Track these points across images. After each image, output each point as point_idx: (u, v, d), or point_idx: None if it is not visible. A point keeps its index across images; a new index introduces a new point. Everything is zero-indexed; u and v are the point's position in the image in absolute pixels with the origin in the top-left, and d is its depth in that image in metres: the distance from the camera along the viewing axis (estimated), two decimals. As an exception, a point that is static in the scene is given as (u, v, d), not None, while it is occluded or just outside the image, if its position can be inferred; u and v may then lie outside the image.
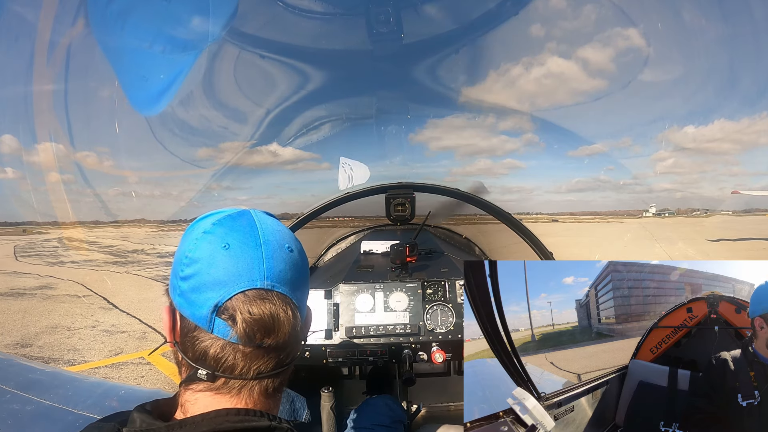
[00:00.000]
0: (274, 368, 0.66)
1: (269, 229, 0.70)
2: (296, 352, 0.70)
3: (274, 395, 0.69)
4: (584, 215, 20.09)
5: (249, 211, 0.72)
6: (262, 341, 0.62)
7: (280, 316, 0.63)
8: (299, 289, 0.69)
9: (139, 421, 0.61)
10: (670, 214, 19.23)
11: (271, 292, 0.64)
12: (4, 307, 8.01)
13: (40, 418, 1.19)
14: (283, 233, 0.72)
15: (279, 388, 0.69)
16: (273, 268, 0.65)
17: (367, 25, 2.32)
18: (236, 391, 0.64)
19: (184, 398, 0.65)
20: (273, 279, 0.65)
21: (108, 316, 7.38)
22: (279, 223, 0.75)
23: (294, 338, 0.67)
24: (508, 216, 2.11)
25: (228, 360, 0.63)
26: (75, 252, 14.42)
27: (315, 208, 2.14)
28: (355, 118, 2.82)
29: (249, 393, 0.65)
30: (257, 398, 0.65)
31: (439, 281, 1.71)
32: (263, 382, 0.65)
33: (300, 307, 0.69)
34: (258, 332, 0.61)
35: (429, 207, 2.10)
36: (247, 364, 0.63)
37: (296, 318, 0.67)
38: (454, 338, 1.62)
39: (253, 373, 0.64)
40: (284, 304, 0.65)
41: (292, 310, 0.65)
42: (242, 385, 0.64)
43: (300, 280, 0.70)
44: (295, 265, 0.69)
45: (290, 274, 0.68)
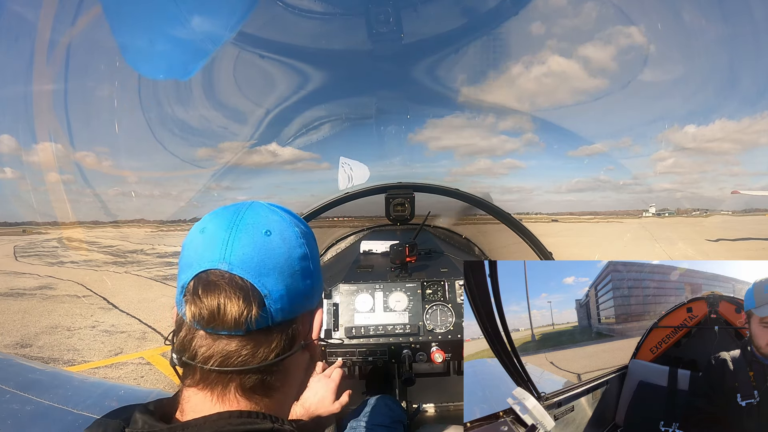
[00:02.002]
0: (243, 362, 0.60)
1: (254, 214, 0.66)
2: (277, 346, 0.62)
3: (259, 395, 0.63)
4: (584, 215, 20.10)
5: (251, 202, 0.70)
6: (209, 326, 0.59)
7: (224, 300, 0.58)
8: (269, 275, 0.62)
9: (141, 422, 0.60)
10: (669, 214, 19.24)
11: (226, 274, 0.60)
12: (4, 307, 8.00)
13: (40, 418, 1.19)
14: (270, 219, 0.66)
15: (261, 387, 0.63)
16: (236, 250, 0.61)
17: (367, 25, 2.32)
18: (213, 385, 0.61)
19: (182, 396, 0.65)
20: (232, 261, 0.60)
21: (108, 316, 7.37)
22: (280, 212, 0.69)
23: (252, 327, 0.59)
24: (507, 216, 2.11)
25: (192, 345, 0.61)
26: (75, 252, 14.43)
27: (315, 208, 2.14)
28: (354, 118, 2.82)
29: (224, 389, 0.61)
30: (234, 396, 0.61)
31: (439, 281, 1.71)
32: (240, 379, 0.61)
33: (268, 295, 0.61)
34: (202, 315, 0.59)
35: (429, 207, 2.10)
36: (208, 352, 0.60)
37: (250, 305, 0.59)
38: (453, 338, 1.62)
39: (214, 362, 0.60)
40: (236, 288, 0.59)
41: (244, 296, 0.59)
42: (217, 379, 0.61)
43: (271, 266, 0.62)
44: (267, 249, 0.63)
45: (258, 258, 0.61)
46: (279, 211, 0.70)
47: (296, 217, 0.73)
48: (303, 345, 0.67)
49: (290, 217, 0.71)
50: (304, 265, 0.67)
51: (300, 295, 0.66)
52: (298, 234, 0.68)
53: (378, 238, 2.10)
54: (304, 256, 0.67)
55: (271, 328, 0.62)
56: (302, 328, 0.68)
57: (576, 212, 17.43)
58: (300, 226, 0.70)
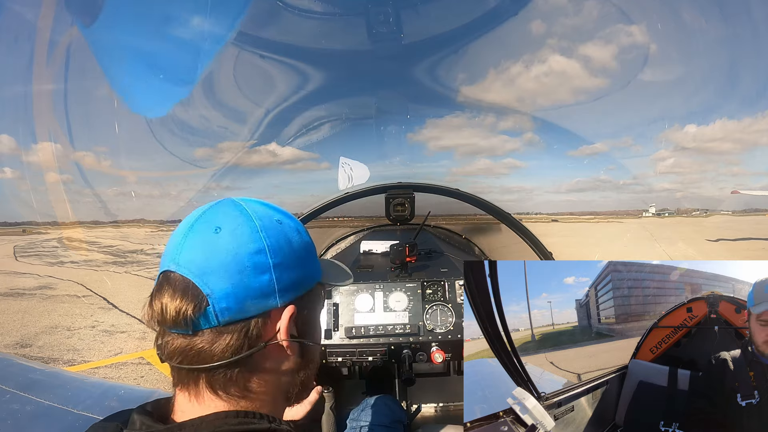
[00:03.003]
0: (200, 359, 0.60)
1: (214, 212, 0.66)
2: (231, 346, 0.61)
3: (233, 395, 0.62)
4: (584, 215, 20.09)
5: (222, 200, 0.69)
6: (159, 325, 0.61)
7: (167, 300, 0.60)
8: (213, 273, 0.60)
9: (139, 423, 0.60)
10: (669, 214, 19.24)
11: (174, 274, 0.61)
12: (3, 307, 8.00)
13: (40, 418, 1.19)
14: (225, 216, 0.65)
15: (231, 386, 0.62)
16: (185, 250, 0.62)
17: (367, 25, 2.32)
18: (187, 384, 0.63)
19: (174, 397, 0.66)
20: (180, 261, 0.61)
21: (108, 316, 7.37)
22: (246, 207, 0.67)
23: (197, 326, 0.59)
24: (507, 216, 2.11)
25: (161, 343, 0.63)
26: (74, 252, 14.41)
27: (315, 208, 2.14)
28: (354, 118, 2.82)
29: (196, 388, 0.62)
30: (207, 395, 0.62)
31: (439, 281, 1.71)
32: (206, 377, 0.61)
33: (211, 294, 0.59)
34: (153, 315, 0.61)
35: (429, 207, 2.10)
36: (169, 350, 0.62)
37: (189, 304, 0.59)
38: (453, 338, 1.61)
39: (176, 359, 0.61)
40: (178, 288, 0.60)
41: (184, 296, 0.59)
42: (188, 377, 0.62)
43: (216, 265, 0.60)
44: (212, 247, 0.61)
45: (201, 256, 0.61)
46: (246, 205, 0.67)
47: (270, 210, 0.69)
48: (264, 345, 0.63)
49: (259, 209, 0.68)
50: (257, 261, 0.62)
51: (253, 292, 0.62)
52: (255, 228, 0.64)
53: (378, 238, 2.10)
54: (258, 250, 0.63)
55: (222, 328, 0.60)
56: (267, 327, 0.64)
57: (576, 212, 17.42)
58: (263, 220, 0.66)
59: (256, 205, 0.69)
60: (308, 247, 0.72)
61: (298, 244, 0.69)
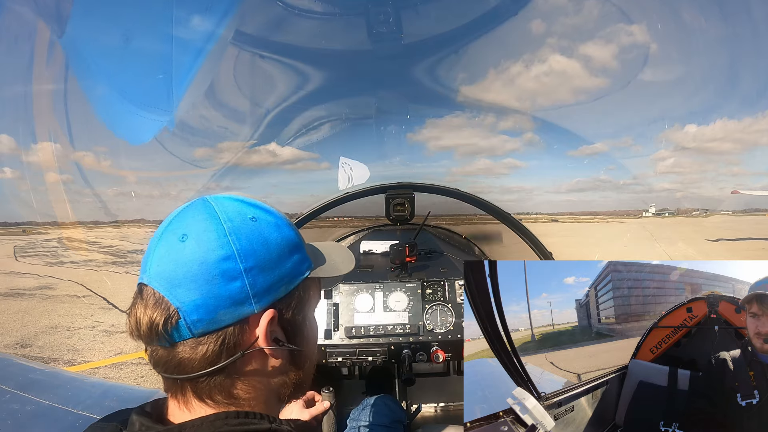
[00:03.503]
0: (180, 370, 0.60)
1: (182, 216, 0.63)
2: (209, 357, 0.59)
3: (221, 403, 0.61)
4: (584, 215, 20.10)
5: (194, 200, 0.66)
6: (137, 339, 0.61)
7: (140, 314, 0.59)
8: (181, 285, 0.58)
9: (138, 425, 0.60)
10: (669, 214, 19.23)
11: (146, 288, 0.60)
12: (3, 307, 8.00)
13: (40, 418, 1.19)
14: (192, 220, 0.62)
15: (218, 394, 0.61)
16: (154, 261, 0.60)
17: (367, 25, 2.32)
18: (174, 391, 0.63)
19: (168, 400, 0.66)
20: (151, 273, 0.60)
21: (108, 316, 7.37)
22: (216, 206, 0.63)
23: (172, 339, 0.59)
24: (507, 216, 2.11)
25: (148, 353, 0.63)
26: (74, 252, 14.40)
27: (314, 208, 2.14)
28: (354, 118, 2.82)
29: (183, 395, 0.62)
30: (194, 402, 0.61)
31: (439, 281, 1.71)
32: (192, 385, 0.61)
33: (181, 307, 0.57)
34: (131, 328, 0.61)
35: (429, 207, 2.10)
36: (153, 360, 0.62)
37: (160, 318, 0.58)
38: (453, 338, 1.62)
39: (153, 366, 0.62)
40: (150, 302, 0.59)
41: (155, 310, 0.58)
42: (175, 385, 0.62)
43: (183, 276, 0.58)
44: (178, 257, 0.59)
45: (169, 267, 0.58)
46: (217, 205, 0.64)
47: (245, 207, 0.65)
48: (241, 354, 0.60)
49: (231, 208, 0.64)
50: (226, 267, 0.59)
51: (224, 301, 0.59)
52: (223, 232, 0.60)
53: (378, 238, 2.10)
54: (226, 256, 0.59)
55: (198, 339, 0.59)
56: (246, 334, 0.61)
57: (576, 212, 17.42)
58: (233, 221, 0.62)
59: (229, 203, 0.65)
60: (291, 242, 0.67)
61: (276, 242, 0.65)
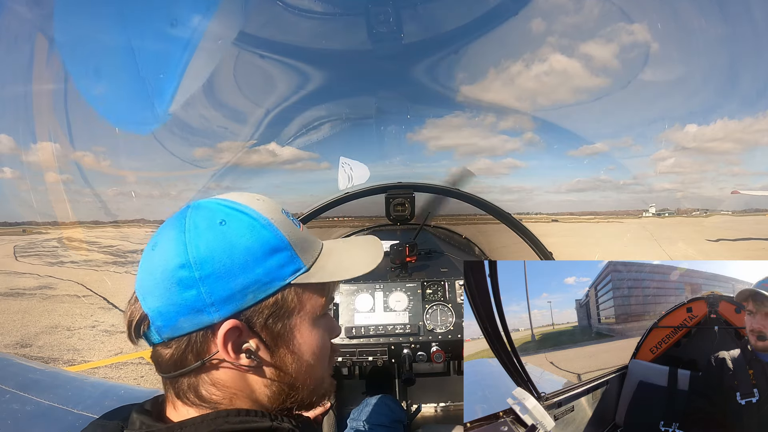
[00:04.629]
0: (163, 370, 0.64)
1: (164, 226, 0.66)
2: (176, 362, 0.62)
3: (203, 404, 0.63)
4: (584, 215, 20.10)
5: (189, 205, 0.68)
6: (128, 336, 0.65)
7: (127, 317, 0.64)
8: (149, 293, 0.61)
9: (139, 423, 0.61)
10: (669, 214, 19.23)
11: (135, 292, 0.64)
12: (4, 307, 8.00)
13: (40, 418, 1.19)
14: (163, 228, 0.65)
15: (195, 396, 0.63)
16: (139, 269, 0.65)
17: (367, 25, 2.32)
18: (166, 389, 0.66)
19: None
20: (137, 278, 0.65)
21: (108, 316, 7.37)
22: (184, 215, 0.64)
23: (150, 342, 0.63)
24: (507, 216, 2.11)
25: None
26: (75, 252, 14.41)
27: (315, 207, 2.14)
28: (354, 118, 2.82)
29: (169, 393, 0.66)
30: (174, 398, 0.64)
31: (439, 281, 1.71)
32: (171, 383, 0.64)
33: (149, 313, 0.61)
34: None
35: (429, 207, 2.10)
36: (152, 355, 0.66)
37: (135, 323, 0.62)
38: (453, 338, 1.61)
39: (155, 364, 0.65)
40: (132, 305, 0.63)
41: (132, 312, 0.63)
42: (165, 383, 0.66)
43: (151, 284, 0.61)
44: (147, 265, 0.62)
45: (142, 275, 0.63)
46: (191, 212, 0.64)
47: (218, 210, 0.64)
48: (201, 363, 0.61)
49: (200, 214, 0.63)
50: (181, 276, 0.59)
51: (183, 309, 0.59)
52: (182, 241, 0.60)
53: (378, 237, 2.10)
54: (180, 265, 0.59)
55: (167, 343, 0.62)
56: (208, 343, 0.61)
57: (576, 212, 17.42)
58: (197, 228, 0.61)
59: (205, 209, 0.64)
60: (265, 246, 0.62)
61: (244, 246, 0.61)
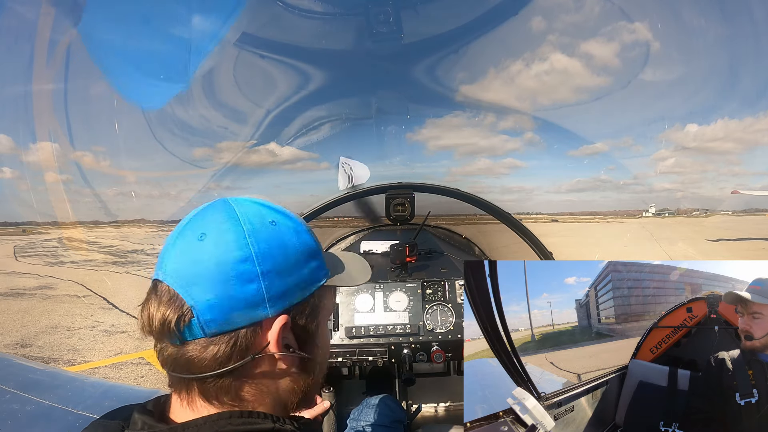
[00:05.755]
0: (189, 369, 0.59)
1: (201, 217, 0.63)
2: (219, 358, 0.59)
3: (226, 403, 0.61)
4: (584, 215, 20.10)
5: (214, 201, 0.66)
6: (149, 335, 0.61)
7: (153, 311, 0.59)
8: (197, 284, 0.58)
9: (141, 423, 0.60)
10: (669, 214, 19.24)
11: (161, 284, 0.60)
12: (4, 307, 8.00)
13: (40, 418, 1.19)
14: (211, 220, 0.62)
15: (224, 395, 0.60)
16: (171, 259, 0.60)
17: (367, 25, 2.32)
18: (179, 389, 0.62)
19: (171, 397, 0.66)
20: (167, 270, 0.60)
21: (108, 316, 7.37)
22: (236, 208, 0.63)
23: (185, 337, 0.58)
24: (507, 216, 2.11)
25: (158, 350, 0.63)
26: (75, 252, 14.41)
27: (315, 208, 2.14)
28: (354, 118, 2.82)
29: (188, 394, 0.62)
30: (199, 401, 0.61)
31: (439, 281, 1.71)
32: (199, 385, 0.60)
33: (195, 305, 0.57)
34: (143, 324, 0.61)
35: (429, 207, 2.10)
36: (162, 358, 0.62)
37: (173, 316, 0.57)
38: (453, 338, 1.62)
39: (169, 367, 0.62)
40: (164, 299, 0.59)
41: (169, 307, 0.58)
42: (181, 383, 0.62)
43: (199, 274, 0.58)
44: (196, 256, 0.59)
45: (185, 266, 0.59)
46: (238, 207, 0.64)
47: (266, 210, 0.65)
48: (251, 358, 0.60)
49: (251, 211, 0.64)
50: (243, 269, 0.59)
51: (239, 303, 0.59)
52: (242, 234, 0.60)
53: (378, 238, 2.10)
54: (243, 258, 0.59)
55: (210, 339, 0.58)
56: (258, 338, 0.61)
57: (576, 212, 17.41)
58: (253, 223, 0.62)
59: (250, 206, 0.65)
60: (309, 249, 0.67)
61: (295, 247, 0.64)
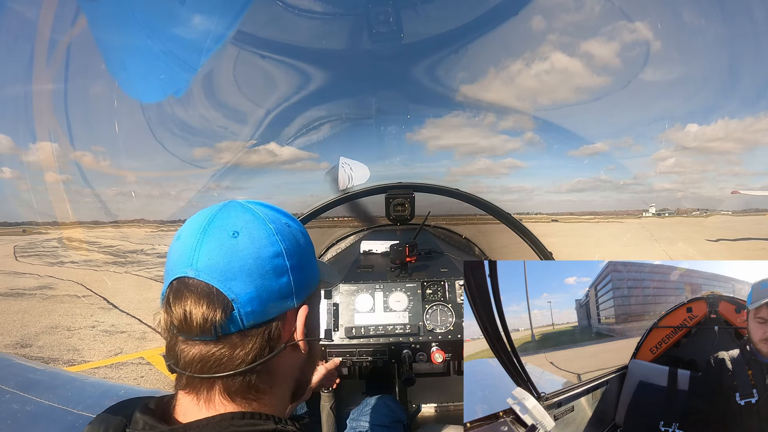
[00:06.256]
0: (221, 366, 0.60)
1: (225, 216, 0.65)
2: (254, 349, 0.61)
3: (247, 398, 0.62)
4: (584, 215, 20.10)
5: (227, 202, 0.69)
6: (180, 333, 0.60)
7: (190, 307, 0.59)
8: (236, 279, 0.60)
9: (142, 423, 0.60)
10: (669, 214, 19.23)
11: (193, 281, 0.60)
12: (4, 307, 8.00)
13: (40, 418, 1.19)
14: (240, 219, 0.65)
15: (247, 390, 0.62)
16: (203, 255, 0.61)
17: (367, 25, 2.33)
18: (198, 390, 0.62)
19: (175, 398, 0.65)
20: (199, 267, 0.60)
21: (108, 316, 7.37)
22: (256, 209, 0.67)
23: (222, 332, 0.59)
24: (507, 216, 2.11)
25: (176, 351, 0.62)
26: (75, 252, 14.43)
27: (315, 208, 2.14)
28: (354, 118, 2.82)
29: (209, 393, 0.61)
30: (220, 399, 0.61)
31: (439, 281, 1.71)
32: (223, 382, 0.61)
33: (235, 299, 0.60)
34: (173, 322, 0.60)
35: (429, 207, 2.10)
36: (188, 358, 0.61)
37: (215, 310, 0.59)
38: (453, 338, 1.61)
39: (194, 368, 0.61)
40: (201, 294, 0.59)
41: (209, 302, 0.59)
42: (201, 383, 0.61)
43: (238, 269, 0.61)
44: (233, 252, 0.61)
45: (223, 261, 0.60)
46: (255, 208, 0.68)
47: (277, 213, 0.70)
48: (284, 346, 0.64)
49: (268, 213, 0.68)
50: (276, 264, 0.64)
51: (274, 295, 0.63)
52: (271, 232, 0.65)
53: (378, 238, 2.10)
54: (276, 253, 0.64)
55: (246, 332, 0.61)
56: (285, 328, 0.66)
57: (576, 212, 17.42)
58: (275, 223, 0.67)
59: (265, 209, 0.69)
60: (311, 249, 0.74)
61: (305, 246, 0.71)
